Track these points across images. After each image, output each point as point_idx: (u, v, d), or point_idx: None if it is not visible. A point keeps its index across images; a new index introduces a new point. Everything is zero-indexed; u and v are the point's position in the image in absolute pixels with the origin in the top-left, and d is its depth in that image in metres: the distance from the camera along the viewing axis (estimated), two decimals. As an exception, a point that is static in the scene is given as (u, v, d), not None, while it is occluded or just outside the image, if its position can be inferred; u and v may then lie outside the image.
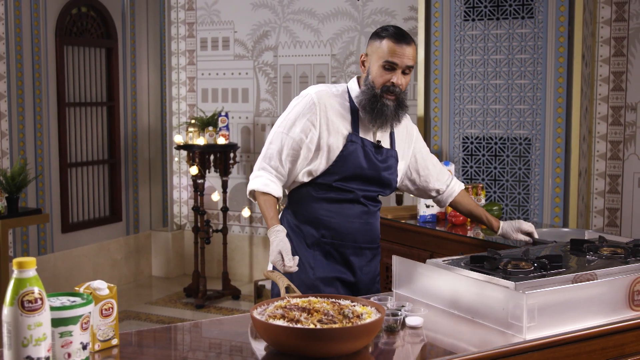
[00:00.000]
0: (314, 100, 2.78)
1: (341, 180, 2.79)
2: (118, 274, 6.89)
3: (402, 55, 2.72)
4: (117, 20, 6.84)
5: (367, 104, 2.75)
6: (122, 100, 6.94)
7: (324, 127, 2.77)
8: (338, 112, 2.80)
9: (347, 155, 2.77)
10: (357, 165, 2.78)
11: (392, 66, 2.72)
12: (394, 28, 2.79)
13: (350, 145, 2.77)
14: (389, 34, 2.75)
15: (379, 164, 2.82)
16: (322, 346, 1.78)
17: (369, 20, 6.29)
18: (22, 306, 1.55)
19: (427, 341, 2.01)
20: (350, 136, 2.78)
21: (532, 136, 5.03)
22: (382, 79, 2.73)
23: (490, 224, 3.16)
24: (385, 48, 2.73)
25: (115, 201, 6.94)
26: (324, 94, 2.81)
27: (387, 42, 2.73)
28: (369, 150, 2.81)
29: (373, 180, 2.83)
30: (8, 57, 5.75)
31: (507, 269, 2.21)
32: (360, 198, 2.83)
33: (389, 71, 2.73)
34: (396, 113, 2.77)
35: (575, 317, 2.08)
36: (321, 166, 2.78)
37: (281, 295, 2.08)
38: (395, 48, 2.71)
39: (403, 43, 2.72)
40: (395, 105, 2.75)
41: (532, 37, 4.97)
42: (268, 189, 2.79)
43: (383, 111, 2.74)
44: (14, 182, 5.28)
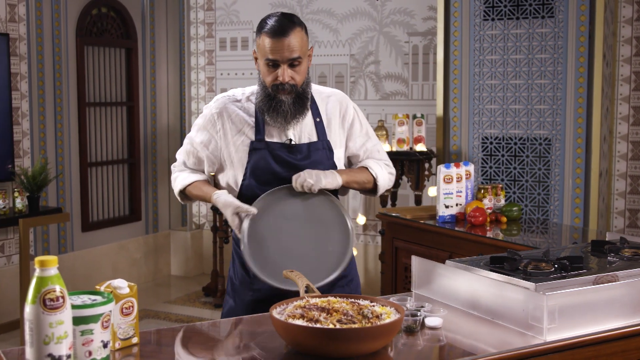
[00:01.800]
0: (212, 112, 2.67)
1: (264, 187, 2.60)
2: (137, 273, 6.92)
3: (281, 50, 2.52)
4: (136, 20, 6.87)
5: (263, 105, 2.60)
6: (141, 100, 6.97)
7: (224, 140, 2.64)
8: (240, 120, 2.64)
9: (254, 164, 2.61)
10: (268, 171, 2.60)
11: (273, 63, 2.54)
12: (274, 19, 2.56)
13: (253, 153, 2.61)
14: (266, 28, 2.55)
15: (298, 162, 2.61)
16: (341, 346, 1.78)
17: (387, 20, 6.28)
18: (43, 304, 1.56)
19: (447, 342, 2.00)
20: (253, 144, 2.61)
21: (552, 136, 5.00)
22: (269, 77, 2.56)
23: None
24: (264, 45, 2.54)
25: (134, 200, 6.98)
26: (225, 103, 2.67)
27: (264, 39, 2.54)
28: (279, 152, 2.61)
29: None
30: (29, 58, 5.80)
31: (527, 269, 2.19)
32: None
33: (273, 68, 2.55)
34: (296, 107, 2.58)
35: (596, 318, 2.06)
36: (238, 178, 2.64)
37: (300, 295, 2.08)
38: (272, 44, 2.52)
39: (280, 36, 2.51)
40: (292, 99, 2.58)
41: (553, 36, 4.94)
42: (190, 179, 2.74)
43: (279, 109, 2.57)
44: (34, 182, 5.33)
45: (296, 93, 2.58)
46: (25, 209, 5.37)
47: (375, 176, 2.74)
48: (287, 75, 2.54)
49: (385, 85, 6.31)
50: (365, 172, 2.74)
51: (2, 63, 5.53)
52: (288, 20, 2.56)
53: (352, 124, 2.77)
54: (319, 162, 2.63)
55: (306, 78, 2.63)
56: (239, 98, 2.69)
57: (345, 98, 2.80)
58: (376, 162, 2.78)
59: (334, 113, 2.73)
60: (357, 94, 6.42)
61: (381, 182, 2.76)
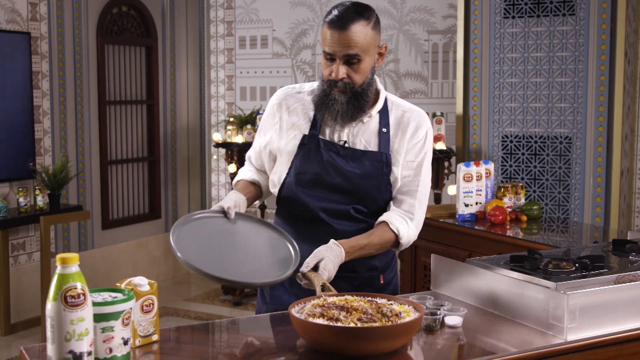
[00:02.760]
0: (273, 103, 2.54)
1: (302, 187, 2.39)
2: (157, 271, 6.95)
3: (337, 44, 2.28)
4: (156, 19, 6.90)
5: (318, 100, 2.39)
6: (161, 98, 7.00)
7: (278, 132, 2.47)
8: (297, 113, 2.47)
9: (299, 161, 2.40)
10: (312, 170, 2.38)
11: (330, 57, 2.32)
12: (341, 8, 2.32)
13: (302, 148, 2.40)
14: (328, 17, 2.31)
15: (347, 169, 2.36)
16: (361, 345, 1.78)
17: (407, 18, 6.26)
18: (65, 301, 1.57)
19: (466, 341, 1.99)
20: (304, 138, 2.41)
21: (572, 135, 4.97)
22: (326, 71, 2.35)
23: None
24: (324, 35, 2.32)
25: (154, 198, 7.01)
26: (287, 94, 2.53)
27: (325, 28, 2.31)
28: (329, 153, 2.38)
29: (341, 189, 2.38)
30: (50, 56, 5.84)
31: (547, 269, 2.18)
32: (319, 213, 2.37)
33: (330, 62, 2.33)
34: (349, 108, 2.34)
35: (617, 318, 2.05)
36: (283, 174, 2.44)
37: (317, 294, 2.08)
38: (330, 35, 2.28)
39: (338, 28, 2.27)
40: (347, 98, 2.33)
41: (574, 34, 4.91)
42: (240, 177, 2.57)
43: (330, 106, 2.35)
44: (55, 179, 5.36)
45: (352, 92, 2.33)
46: (46, 207, 5.41)
47: (398, 233, 2.38)
48: (342, 72, 2.30)
49: (404, 83, 6.29)
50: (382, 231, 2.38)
51: (24, 62, 5.57)
52: (354, 12, 2.31)
53: (415, 144, 2.44)
54: (371, 175, 2.37)
55: (368, 78, 2.35)
56: (303, 90, 2.52)
57: (423, 118, 2.48)
58: (401, 215, 2.41)
59: (405, 130, 2.43)
60: (376, 92, 6.40)
61: (404, 239, 2.40)
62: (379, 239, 2.36)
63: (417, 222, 2.45)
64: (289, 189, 2.42)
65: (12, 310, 5.54)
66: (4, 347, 5.24)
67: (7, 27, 5.47)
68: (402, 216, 2.41)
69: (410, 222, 2.42)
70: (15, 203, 5.44)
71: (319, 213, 2.37)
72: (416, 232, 2.45)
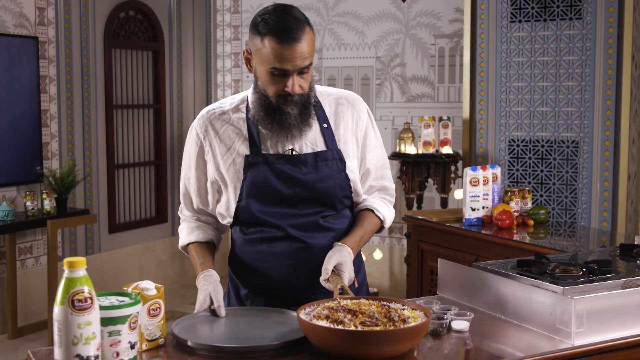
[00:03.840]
0: (197, 132, 2.31)
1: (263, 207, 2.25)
2: (163, 275, 6.96)
3: (293, 58, 2.10)
4: (163, 23, 6.92)
5: (263, 118, 2.20)
6: (168, 102, 7.01)
7: (213, 163, 2.28)
8: (229, 136, 2.27)
9: (251, 182, 2.23)
10: (268, 189, 2.23)
11: (282, 73, 2.13)
12: (276, 15, 2.11)
13: (250, 169, 2.23)
14: (269, 29, 2.10)
15: (303, 176, 2.23)
16: (364, 348, 1.78)
17: (414, 22, 6.27)
18: (72, 305, 1.57)
19: (473, 346, 1.99)
20: (248, 158, 2.23)
21: (579, 139, 4.96)
22: (274, 87, 2.15)
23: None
24: (270, 51, 2.10)
25: (161, 202, 7.02)
26: (210, 119, 2.30)
27: (270, 43, 2.10)
28: (280, 166, 2.23)
29: (303, 199, 2.25)
30: (58, 60, 5.86)
31: (555, 273, 2.18)
32: (288, 230, 2.24)
33: (280, 77, 2.14)
34: (302, 118, 2.20)
35: (625, 323, 2.04)
36: (231, 202, 2.28)
37: (334, 296, 2.08)
38: (281, 50, 2.09)
39: (292, 41, 2.08)
40: (299, 110, 2.18)
41: (581, 38, 4.90)
42: (191, 238, 2.39)
43: (284, 123, 2.18)
44: (62, 183, 5.38)
45: (302, 102, 2.19)
46: (53, 211, 5.42)
47: (383, 219, 2.39)
48: (297, 86, 2.14)
49: (411, 87, 6.29)
50: (370, 219, 2.36)
51: (31, 66, 5.59)
52: (296, 19, 2.12)
53: (366, 133, 2.37)
54: (329, 176, 2.25)
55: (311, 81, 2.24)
56: (226, 109, 2.31)
57: (357, 100, 2.39)
58: (381, 199, 2.42)
59: (345, 118, 2.33)
60: (382, 96, 6.41)
61: (388, 223, 2.42)
62: (371, 227, 2.34)
63: (393, 201, 2.49)
64: (246, 214, 2.27)
65: (19, 313, 5.56)
66: (11, 351, 5.25)
67: (15, 32, 5.49)
68: (382, 201, 2.42)
69: (390, 205, 2.45)
70: (22, 207, 5.45)
71: (289, 230, 2.24)
72: (393, 211, 2.47)
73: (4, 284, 5.49)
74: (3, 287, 5.49)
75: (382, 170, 2.43)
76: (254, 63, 2.20)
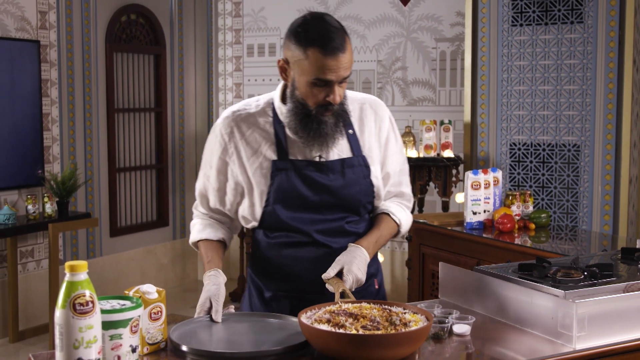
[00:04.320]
0: (221, 132, 2.31)
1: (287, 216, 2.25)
2: (164, 278, 6.96)
3: (337, 69, 2.10)
4: (165, 27, 6.93)
5: (300, 126, 2.19)
6: (169, 106, 7.02)
7: (238, 165, 2.29)
8: (256, 139, 2.28)
9: (278, 187, 2.23)
10: (295, 195, 2.23)
11: (325, 83, 2.12)
12: (316, 25, 2.12)
13: (277, 175, 2.23)
14: (313, 40, 2.10)
15: (330, 183, 2.25)
16: (364, 352, 1.78)
17: (415, 26, 6.27)
18: (73, 309, 1.57)
19: (474, 350, 1.99)
20: (276, 164, 2.24)
21: (581, 142, 4.96)
22: (315, 98, 2.15)
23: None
24: (313, 62, 2.10)
25: (162, 206, 7.02)
26: (236, 121, 2.30)
27: (314, 54, 2.09)
28: (307, 172, 2.24)
29: (329, 205, 2.27)
30: (59, 64, 5.87)
31: (556, 277, 2.17)
32: (314, 235, 2.25)
33: (321, 87, 2.14)
34: (337, 126, 2.21)
35: (626, 327, 2.04)
36: (257, 207, 2.28)
37: (335, 300, 2.08)
38: (325, 61, 2.09)
39: (335, 52, 2.09)
40: (334, 119, 2.20)
41: (582, 42, 4.91)
42: (202, 235, 2.38)
43: (321, 132, 2.18)
44: (64, 187, 5.38)
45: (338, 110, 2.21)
46: (54, 214, 5.42)
47: (399, 223, 2.40)
48: (338, 96, 2.15)
49: (412, 91, 6.29)
50: (387, 222, 2.37)
51: (33, 69, 5.60)
52: (336, 28, 2.13)
53: (387, 138, 2.38)
54: (355, 182, 2.27)
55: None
56: (251, 111, 2.31)
57: (380, 106, 2.40)
58: (397, 204, 2.43)
59: (369, 123, 2.34)
60: (384, 99, 6.41)
61: (404, 227, 2.43)
62: (387, 230, 2.35)
63: (410, 206, 2.49)
64: (273, 219, 2.27)
65: (21, 317, 5.56)
66: (12, 354, 5.25)
67: (16, 35, 5.50)
68: (399, 205, 2.42)
69: (407, 210, 2.45)
70: (24, 210, 5.46)
71: (314, 235, 2.26)
72: (411, 217, 2.48)
73: (6, 288, 5.49)
74: (4, 291, 5.49)
75: (400, 176, 2.44)
76: (291, 73, 2.18)
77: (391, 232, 2.39)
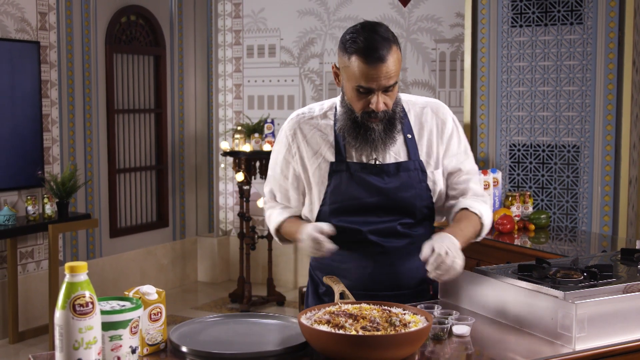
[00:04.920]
0: (286, 135, 2.42)
1: (342, 217, 2.33)
2: (164, 279, 6.96)
3: (378, 78, 2.17)
4: (165, 28, 6.93)
5: (349, 131, 2.29)
6: (169, 107, 7.02)
7: (300, 165, 2.39)
8: (317, 141, 2.38)
9: (334, 188, 2.33)
10: (350, 196, 2.32)
11: (367, 91, 2.20)
12: (363, 34, 2.19)
13: (333, 176, 2.33)
14: (356, 48, 2.18)
15: (385, 185, 2.31)
16: (365, 353, 1.78)
17: (414, 27, 6.27)
18: (73, 310, 1.57)
19: (474, 350, 1.99)
20: (332, 165, 2.33)
21: (580, 143, 4.96)
22: (359, 104, 2.24)
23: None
24: (356, 69, 2.18)
25: (162, 207, 7.02)
26: (299, 122, 2.41)
27: (356, 62, 2.18)
28: (362, 174, 2.31)
29: (384, 207, 2.33)
30: (59, 65, 5.87)
31: (556, 278, 2.18)
32: (368, 236, 2.32)
33: (365, 94, 2.21)
34: (387, 134, 2.27)
35: (626, 328, 2.04)
36: (315, 206, 2.39)
37: (335, 301, 2.08)
38: (367, 70, 2.16)
39: (376, 62, 2.15)
40: (383, 126, 2.26)
41: (581, 43, 4.91)
42: (283, 216, 2.46)
43: (368, 138, 2.27)
44: (64, 188, 5.38)
45: (387, 117, 2.26)
46: (54, 215, 5.42)
47: (480, 213, 2.38)
48: (382, 103, 2.21)
49: (412, 92, 6.29)
50: (471, 218, 2.36)
51: (33, 70, 5.60)
52: (383, 38, 2.18)
53: (450, 139, 2.41)
54: (409, 186, 2.32)
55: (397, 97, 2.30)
56: (315, 115, 2.41)
57: (442, 107, 2.44)
58: (472, 198, 2.41)
59: (429, 127, 2.39)
60: (383, 100, 6.41)
61: (486, 219, 2.40)
62: (468, 221, 2.34)
63: (487, 200, 2.46)
64: (327, 219, 2.34)
65: (20, 318, 5.56)
66: (12, 355, 5.25)
67: (16, 37, 5.50)
68: (474, 199, 2.40)
69: (481, 202, 2.42)
70: (23, 211, 5.46)
71: (367, 235, 2.32)
72: (489, 208, 2.45)
73: (5, 288, 5.49)
74: (4, 292, 5.49)
75: (466, 175, 2.44)
76: (341, 78, 2.28)
77: (474, 224, 2.36)
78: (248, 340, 1.99)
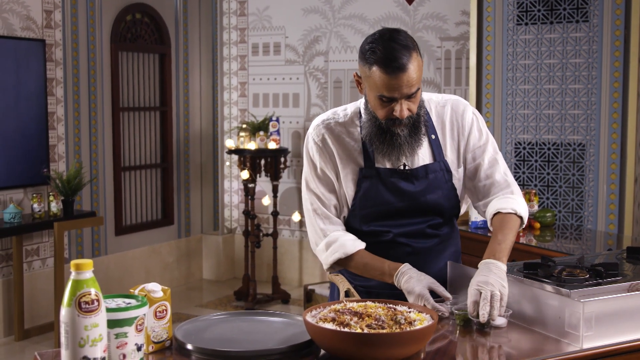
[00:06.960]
0: (314, 140, 2.39)
1: (372, 222, 2.36)
2: (169, 277, 6.97)
3: (400, 87, 2.15)
4: (170, 26, 6.93)
5: (374, 138, 2.28)
6: (174, 105, 7.02)
7: (333, 169, 2.37)
8: (346, 145, 2.36)
9: (363, 194, 2.34)
10: (380, 202, 2.33)
11: (390, 99, 2.19)
12: (383, 44, 2.17)
13: (364, 182, 2.33)
14: (376, 59, 2.16)
15: (415, 189, 2.33)
16: (370, 351, 1.78)
17: (420, 25, 6.26)
18: (79, 307, 1.57)
19: (480, 348, 1.99)
20: (362, 171, 2.33)
21: (586, 142, 4.95)
22: (383, 112, 2.23)
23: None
24: (377, 79, 2.17)
25: (167, 205, 7.03)
26: (328, 127, 2.38)
27: (377, 72, 2.17)
28: (392, 180, 2.33)
29: (413, 210, 2.35)
30: (65, 63, 5.87)
31: (561, 276, 2.17)
32: (397, 238, 2.36)
33: (388, 103, 2.21)
34: (412, 138, 2.27)
35: (633, 326, 2.04)
36: (344, 210, 2.39)
37: (340, 299, 2.07)
38: (388, 80, 2.15)
39: (398, 72, 2.14)
40: (408, 130, 2.26)
41: (587, 41, 4.90)
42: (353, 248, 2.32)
43: (394, 143, 2.26)
44: (69, 186, 5.39)
45: (412, 122, 2.25)
46: (60, 213, 5.43)
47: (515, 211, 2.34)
48: (405, 110, 2.20)
49: (417, 90, 6.27)
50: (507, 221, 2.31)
51: (38, 68, 5.61)
52: (402, 47, 2.17)
53: (470, 131, 2.40)
54: (436, 187, 2.34)
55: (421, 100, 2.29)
56: (340, 121, 2.38)
57: (460, 102, 2.43)
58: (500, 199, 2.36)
59: (449, 123, 2.39)
60: (389, 98, 6.40)
61: (523, 213, 2.36)
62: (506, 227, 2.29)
63: (517, 190, 2.41)
64: (356, 223, 2.36)
65: (26, 315, 5.57)
66: (17, 352, 5.26)
67: (22, 34, 5.51)
68: (501, 199, 2.36)
69: (513, 195, 2.37)
70: (29, 209, 5.47)
71: (398, 238, 2.35)
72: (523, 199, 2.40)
73: (11, 286, 5.50)
74: (10, 289, 5.51)
75: (491, 167, 2.40)
76: (364, 87, 2.26)
77: (511, 226, 2.31)
78: (253, 338, 1.99)
